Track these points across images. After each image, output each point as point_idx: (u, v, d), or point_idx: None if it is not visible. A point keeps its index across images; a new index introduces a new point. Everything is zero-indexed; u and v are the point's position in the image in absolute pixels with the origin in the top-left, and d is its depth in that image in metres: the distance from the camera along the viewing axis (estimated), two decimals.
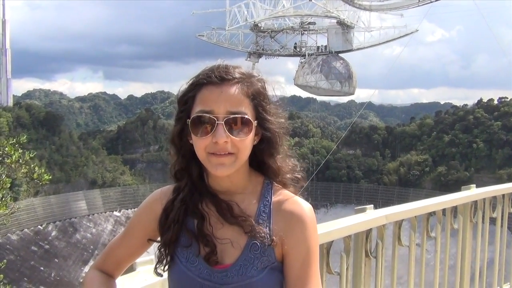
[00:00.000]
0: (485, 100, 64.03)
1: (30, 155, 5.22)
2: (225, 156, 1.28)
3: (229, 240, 1.32)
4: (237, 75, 1.32)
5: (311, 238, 1.32)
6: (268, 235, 1.30)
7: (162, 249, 1.38)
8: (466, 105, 68.54)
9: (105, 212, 52.41)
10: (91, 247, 47.49)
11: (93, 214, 51.30)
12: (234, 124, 1.28)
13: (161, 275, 1.41)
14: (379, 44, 49.99)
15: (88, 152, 59.21)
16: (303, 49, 49.99)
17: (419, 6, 38.85)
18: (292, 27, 49.97)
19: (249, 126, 1.29)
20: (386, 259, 2.84)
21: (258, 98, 1.33)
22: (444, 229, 3.57)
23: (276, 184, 1.40)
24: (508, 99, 61.25)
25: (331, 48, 48.30)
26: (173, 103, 1.44)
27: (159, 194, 1.46)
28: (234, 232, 1.32)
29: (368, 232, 2.67)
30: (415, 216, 3.12)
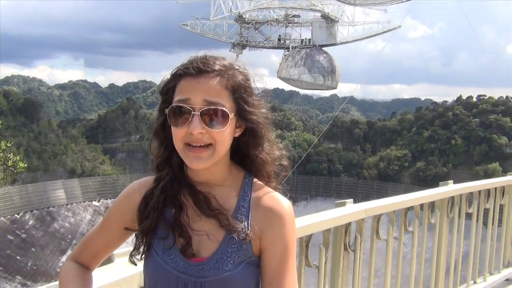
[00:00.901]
0: (464, 97, 65.17)
1: (7, 144, 5.11)
2: (202, 150, 1.27)
3: (206, 232, 1.31)
4: (216, 67, 1.30)
5: (289, 235, 1.32)
6: (245, 230, 1.30)
7: (140, 237, 1.36)
8: (445, 101, 69.76)
9: (84, 202, 51.84)
10: (69, 236, 46.98)
11: (72, 204, 50.70)
12: (211, 115, 1.26)
13: (135, 264, 1.40)
14: (363, 39, 50.20)
15: (67, 141, 58.34)
16: (287, 41, 49.87)
17: (402, 2, 39.15)
18: (276, 19, 49.78)
19: (226, 119, 1.28)
20: (364, 251, 2.87)
21: (239, 91, 1.32)
22: (422, 223, 3.63)
23: (256, 180, 1.39)
24: (487, 97, 62.44)
25: (315, 41, 48.32)
26: (155, 93, 1.42)
27: (138, 185, 1.44)
28: (211, 225, 1.31)
29: (347, 226, 2.70)
30: (394, 211, 3.16)
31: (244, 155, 1.40)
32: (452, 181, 4.07)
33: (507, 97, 60.08)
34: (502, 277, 4.96)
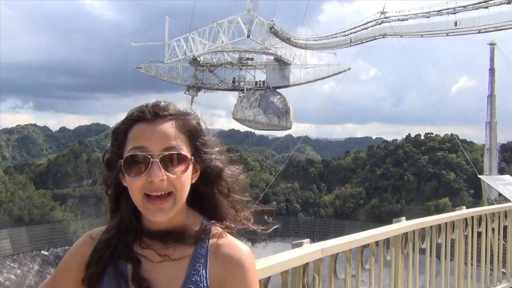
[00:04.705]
0: (412, 135, 67.99)
1: None
2: (163, 201, 1.23)
3: (164, 282, 1.26)
4: (171, 111, 1.29)
5: (252, 283, 1.28)
6: (204, 280, 1.26)
7: None
8: (396, 140, 72.33)
9: (32, 251, 49.15)
10: None
11: (18, 254, 47.95)
12: (170, 161, 1.23)
13: None
14: (314, 80, 51.89)
15: (14, 187, 55.79)
16: (242, 83, 50.86)
17: (351, 46, 40.95)
18: (230, 62, 50.84)
19: (186, 162, 1.25)
20: None
21: (194, 134, 1.31)
22: (378, 260, 3.67)
23: (215, 225, 1.35)
24: (434, 135, 65.40)
25: (269, 83, 49.51)
26: (109, 136, 1.38)
27: (89, 236, 1.38)
28: (169, 275, 1.27)
29: (305, 266, 2.68)
30: (350, 249, 3.18)
31: (202, 200, 1.37)
32: (404, 217, 4.17)
33: (451, 134, 63.16)
34: None
